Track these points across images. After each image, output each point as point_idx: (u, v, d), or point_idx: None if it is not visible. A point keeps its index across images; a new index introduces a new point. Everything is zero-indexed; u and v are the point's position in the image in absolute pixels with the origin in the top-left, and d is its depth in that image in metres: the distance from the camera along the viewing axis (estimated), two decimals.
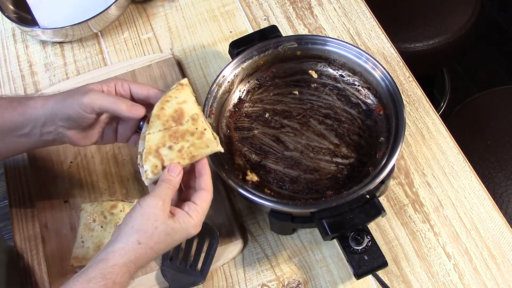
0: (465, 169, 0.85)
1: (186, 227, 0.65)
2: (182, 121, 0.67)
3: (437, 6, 1.37)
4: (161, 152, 0.66)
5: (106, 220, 0.79)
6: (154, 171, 0.66)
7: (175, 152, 0.66)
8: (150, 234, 0.63)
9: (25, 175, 0.88)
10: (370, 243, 0.69)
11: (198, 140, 0.67)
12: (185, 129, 0.67)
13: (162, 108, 0.67)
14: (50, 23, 1.03)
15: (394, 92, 0.77)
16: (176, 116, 0.67)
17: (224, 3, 1.08)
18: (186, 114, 0.67)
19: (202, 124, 0.68)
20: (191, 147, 0.67)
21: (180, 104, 0.68)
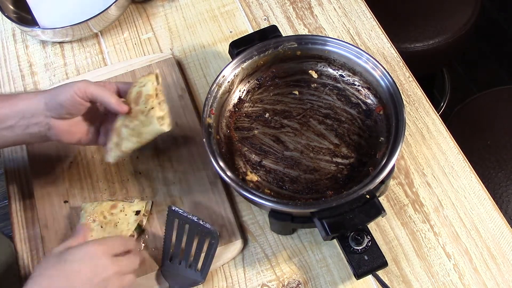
0: (465, 169, 0.85)
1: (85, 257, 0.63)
2: (138, 102, 0.73)
3: (437, 6, 1.37)
4: (121, 131, 0.74)
5: (105, 220, 0.79)
6: (113, 148, 0.75)
7: (129, 130, 0.73)
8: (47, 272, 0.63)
9: (25, 175, 0.89)
10: (370, 243, 0.69)
11: (145, 118, 0.72)
12: (138, 108, 0.73)
13: (129, 93, 0.75)
14: (50, 23, 1.03)
15: (394, 92, 0.77)
16: (136, 98, 0.74)
17: (224, 3, 1.08)
18: (142, 95, 0.73)
19: (151, 104, 0.72)
20: (139, 124, 0.73)
21: (141, 87, 0.74)
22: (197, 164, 0.86)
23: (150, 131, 0.73)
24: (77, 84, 0.72)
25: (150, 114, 0.72)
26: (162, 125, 0.73)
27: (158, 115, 0.72)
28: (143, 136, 0.73)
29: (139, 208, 0.80)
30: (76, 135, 0.76)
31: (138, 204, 0.81)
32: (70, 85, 0.72)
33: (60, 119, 0.73)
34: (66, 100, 0.71)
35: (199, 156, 0.87)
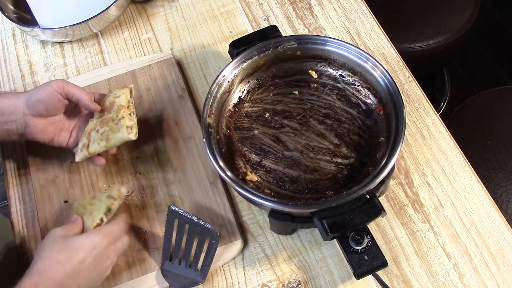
0: (465, 169, 0.85)
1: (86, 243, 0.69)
2: (111, 110, 0.81)
3: (437, 6, 1.37)
4: (91, 134, 0.80)
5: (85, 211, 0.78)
6: (82, 148, 0.80)
7: (99, 134, 0.80)
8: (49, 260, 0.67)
9: (25, 175, 0.89)
10: (370, 243, 0.69)
11: (115, 125, 0.79)
12: (110, 116, 0.80)
13: (104, 101, 0.83)
14: (50, 23, 1.03)
15: (394, 92, 0.77)
16: (109, 107, 0.81)
17: (224, 3, 1.08)
18: (116, 105, 0.81)
19: (123, 113, 0.80)
20: (109, 131, 0.79)
21: (115, 98, 0.82)
22: (197, 164, 0.86)
23: (117, 137, 0.79)
24: (56, 81, 0.78)
25: (120, 122, 0.79)
26: (130, 133, 0.79)
27: (127, 124, 0.79)
28: (110, 141, 0.79)
29: (113, 193, 0.79)
30: (50, 134, 0.81)
31: (114, 188, 0.81)
32: (49, 83, 0.79)
33: (37, 117, 0.79)
34: (45, 96, 0.77)
35: (199, 156, 0.87)
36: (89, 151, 0.80)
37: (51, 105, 0.79)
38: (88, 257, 0.68)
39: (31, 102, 0.78)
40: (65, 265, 0.66)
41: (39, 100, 0.78)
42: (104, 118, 0.81)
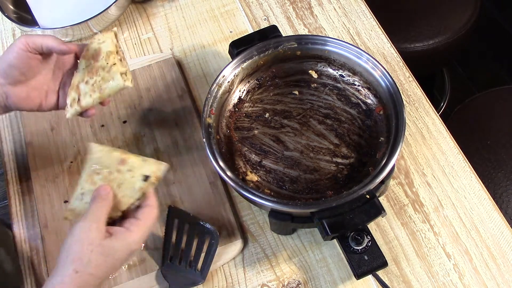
0: (465, 169, 0.85)
1: (127, 243, 0.62)
2: (98, 58, 0.73)
3: (437, 6, 1.37)
4: (80, 87, 0.73)
5: (110, 177, 0.67)
6: (72, 104, 0.73)
7: (89, 86, 0.72)
8: (87, 261, 0.59)
9: (25, 175, 0.89)
10: (370, 243, 0.69)
11: (107, 73, 0.72)
12: (99, 64, 0.72)
13: (87, 50, 0.74)
14: (50, 23, 1.03)
15: (394, 92, 0.77)
16: (95, 54, 0.73)
17: (224, 3, 1.08)
18: (102, 52, 0.73)
19: (113, 60, 0.72)
20: (101, 80, 0.72)
21: (100, 44, 0.73)
22: (197, 164, 0.86)
23: (113, 86, 0.72)
24: (18, 39, 0.70)
25: (112, 69, 0.71)
26: (125, 80, 0.72)
27: (121, 70, 0.72)
28: (105, 91, 0.72)
29: (149, 173, 0.67)
30: (35, 100, 0.74)
31: (151, 165, 0.68)
32: (12, 44, 0.70)
33: (16, 85, 0.72)
34: (13, 59, 0.70)
35: (199, 156, 0.87)
36: (81, 105, 0.73)
37: (25, 66, 0.71)
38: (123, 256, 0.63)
39: (2, 69, 0.71)
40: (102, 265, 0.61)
41: (9, 65, 0.70)
42: (91, 67, 0.73)
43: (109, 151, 0.68)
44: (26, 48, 0.69)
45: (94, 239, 0.60)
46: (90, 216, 0.62)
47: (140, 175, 0.67)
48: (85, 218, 0.62)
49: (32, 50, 0.70)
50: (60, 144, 0.90)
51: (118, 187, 0.67)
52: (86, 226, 0.61)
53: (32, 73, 0.72)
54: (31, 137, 0.91)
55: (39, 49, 0.71)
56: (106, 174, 0.67)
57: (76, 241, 0.60)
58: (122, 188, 0.67)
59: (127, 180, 0.67)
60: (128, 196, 0.67)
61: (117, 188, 0.67)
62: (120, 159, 0.67)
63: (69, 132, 0.91)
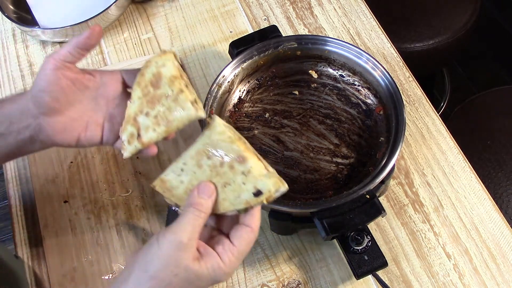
0: (465, 169, 0.85)
1: (215, 275, 0.53)
2: (159, 84, 0.61)
3: (437, 6, 1.37)
4: (138, 120, 0.62)
5: (220, 169, 0.57)
6: (130, 140, 0.62)
7: (151, 118, 0.61)
8: (167, 283, 0.52)
9: (25, 175, 0.89)
10: (370, 243, 0.69)
11: (173, 102, 0.60)
12: (161, 92, 0.61)
13: (142, 75, 0.63)
14: (50, 23, 1.03)
15: (394, 92, 0.77)
16: (154, 80, 0.61)
17: (224, 3, 1.08)
18: (164, 76, 0.61)
19: (179, 86, 0.60)
20: (166, 111, 0.60)
21: (159, 68, 0.62)
22: None
23: (182, 117, 0.60)
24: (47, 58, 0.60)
25: (180, 98, 0.59)
26: (197, 109, 0.60)
27: (190, 98, 0.60)
28: (173, 124, 0.60)
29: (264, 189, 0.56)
30: (73, 133, 0.63)
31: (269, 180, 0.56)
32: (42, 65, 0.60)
33: (51, 115, 0.61)
34: (43, 82, 0.59)
35: None
36: (142, 142, 0.62)
37: (57, 90, 0.60)
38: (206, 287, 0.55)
39: (35, 97, 0.60)
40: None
41: (40, 90, 0.59)
42: (151, 96, 0.61)
43: (232, 138, 0.57)
44: (55, 65, 0.59)
45: (181, 261, 0.52)
46: (183, 230, 0.53)
47: (253, 187, 0.56)
48: (177, 230, 0.53)
49: (62, 63, 0.60)
50: None
51: (223, 186, 0.57)
52: (176, 242, 0.52)
53: (67, 99, 0.61)
54: None
55: (68, 57, 0.60)
56: (217, 164, 0.57)
57: (161, 257, 0.52)
58: (227, 190, 0.57)
59: (237, 184, 0.57)
60: (229, 202, 0.57)
61: (221, 187, 0.57)
62: (240, 156, 0.57)
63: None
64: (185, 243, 0.52)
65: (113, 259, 0.79)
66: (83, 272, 0.78)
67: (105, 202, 0.84)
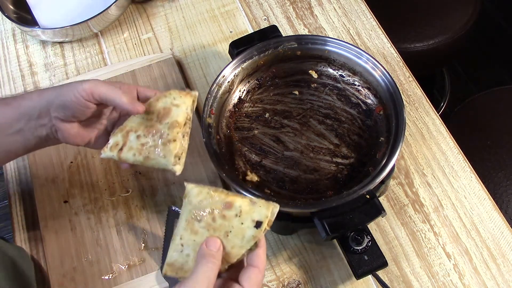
0: (465, 169, 0.85)
1: None
2: (162, 120, 0.65)
3: (437, 6, 1.37)
4: (129, 136, 0.66)
5: (214, 224, 0.58)
6: (113, 148, 0.66)
7: (139, 143, 0.65)
8: None
9: (25, 175, 0.89)
10: (370, 243, 0.69)
11: (162, 146, 0.64)
12: (159, 127, 0.65)
13: (157, 100, 0.66)
14: (50, 23, 1.03)
15: (394, 92, 0.77)
16: (162, 113, 0.65)
17: (224, 3, 1.08)
18: (170, 116, 0.65)
19: (176, 134, 0.64)
20: (152, 147, 0.64)
21: (173, 105, 0.65)
22: (197, 164, 0.86)
23: (160, 164, 0.65)
24: (83, 84, 0.64)
25: (169, 146, 0.64)
26: (175, 165, 0.64)
27: (177, 152, 0.64)
28: (149, 161, 0.65)
29: (261, 218, 0.58)
30: (85, 138, 0.69)
31: (262, 209, 0.59)
32: (75, 85, 0.64)
33: (67, 122, 0.66)
34: (70, 102, 0.64)
35: (199, 156, 0.87)
36: (119, 157, 0.66)
37: (78, 111, 0.65)
38: None
39: (56, 105, 0.65)
40: None
41: (63, 105, 0.65)
42: (151, 124, 0.65)
43: (210, 193, 0.59)
44: (88, 98, 0.64)
45: None
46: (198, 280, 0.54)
47: (251, 221, 0.58)
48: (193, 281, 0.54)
49: (93, 100, 0.64)
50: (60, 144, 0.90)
51: (225, 237, 0.58)
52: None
53: (83, 116, 0.67)
54: None
55: (102, 101, 0.65)
56: (210, 221, 0.58)
57: None
58: (231, 238, 0.58)
59: (236, 227, 0.58)
60: (238, 246, 0.58)
61: (225, 237, 0.58)
62: (225, 203, 0.59)
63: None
64: None
65: (113, 259, 0.79)
66: (83, 272, 0.78)
67: (105, 202, 0.84)
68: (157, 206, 0.83)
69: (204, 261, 0.55)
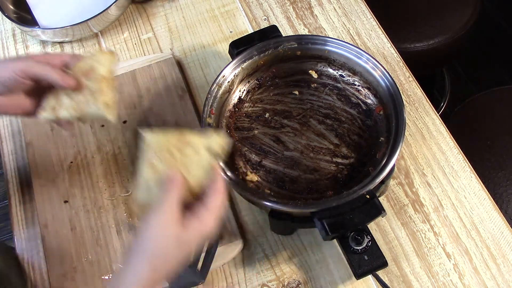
0: (465, 169, 0.85)
1: (200, 234, 0.60)
2: (90, 77, 0.70)
3: (437, 6, 1.37)
4: (61, 98, 0.71)
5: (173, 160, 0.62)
6: (49, 110, 0.71)
7: (72, 102, 0.70)
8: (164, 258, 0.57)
9: (25, 175, 0.89)
10: (370, 243, 0.69)
11: (92, 98, 0.69)
12: (87, 84, 0.70)
13: (81, 62, 0.71)
14: (50, 23, 1.03)
15: (394, 92, 0.77)
16: (87, 72, 0.70)
17: (224, 3, 1.08)
18: (95, 73, 0.70)
19: (102, 87, 0.69)
20: (84, 102, 0.70)
21: (95, 63, 0.71)
22: None
23: (93, 114, 0.70)
24: (17, 64, 0.69)
25: (98, 97, 0.69)
26: (108, 112, 0.69)
27: (107, 101, 0.69)
28: (84, 115, 0.70)
29: (215, 147, 0.63)
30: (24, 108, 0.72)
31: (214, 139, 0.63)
32: (10, 65, 0.69)
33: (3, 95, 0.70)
34: (6, 79, 0.68)
35: None
36: (56, 115, 0.71)
37: (14, 88, 0.70)
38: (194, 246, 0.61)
39: None
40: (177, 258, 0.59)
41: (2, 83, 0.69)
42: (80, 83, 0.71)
43: (166, 135, 0.63)
44: (23, 76, 0.68)
45: (170, 234, 0.58)
46: (164, 208, 0.59)
47: (206, 150, 0.62)
48: (159, 210, 0.59)
49: (28, 78, 0.69)
50: (60, 144, 0.90)
51: (185, 170, 0.62)
52: (161, 220, 0.58)
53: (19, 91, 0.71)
54: (31, 137, 0.91)
55: (36, 79, 0.69)
56: (168, 159, 0.62)
57: (152, 238, 0.58)
58: (191, 170, 0.62)
59: (194, 159, 0.62)
60: (197, 175, 0.62)
61: (185, 170, 0.62)
62: (181, 140, 0.63)
63: (69, 132, 0.91)
64: (169, 218, 0.58)
65: (113, 259, 0.79)
66: (83, 272, 0.78)
67: (105, 202, 0.84)
68: None
69: (167, 190, 0.59)
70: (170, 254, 0.58)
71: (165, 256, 0.57)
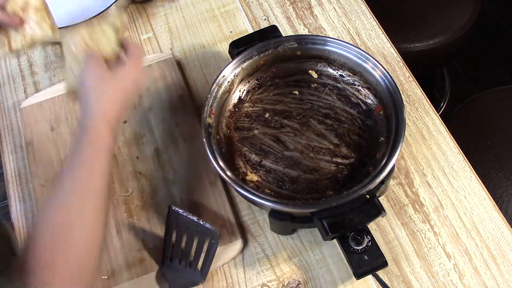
0: (465, 169, 0.85)
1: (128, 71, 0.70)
2: (27, 10, 0.79)
3: (437, 6, 1.37)
4: (9, 32, 0.79)
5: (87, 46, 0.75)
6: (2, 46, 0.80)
7: (20, 34, 0.79)
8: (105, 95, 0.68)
9: (25, 175, 0.89)
10: (370, 243, 0.69)
11: (36, 25, 0.79)
12: (28, 16, 0.79)
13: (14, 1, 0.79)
14: None
15: (394, 92, 0.77)
16: (23, 7, 0.79)
17: (224, 3, 1.08)
18: (31, 6, 0.79)
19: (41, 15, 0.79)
20: (30, 31, 0.79)
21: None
22: (197, 164, 0.86)
23: (43, 37, 0.80)
24: None
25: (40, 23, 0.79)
26: (55, 34, 0.80)
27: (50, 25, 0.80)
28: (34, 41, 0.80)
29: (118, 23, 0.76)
30: None
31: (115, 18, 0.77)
32: None
33: None
34: None
35: (199, 156, 0.87)
36: (11, 50, 0.81)
37: None
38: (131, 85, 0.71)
39: None
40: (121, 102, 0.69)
41: None
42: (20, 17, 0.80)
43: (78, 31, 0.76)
44: None
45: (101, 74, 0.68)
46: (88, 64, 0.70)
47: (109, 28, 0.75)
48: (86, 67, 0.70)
49: None
50: (60, 144, 0.90)
51: (98, 46, 0.74)
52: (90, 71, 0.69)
53: None
54: (31, 137, 0.91)
55: None
56: (83, 45, 0.75)
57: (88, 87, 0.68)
58: (102, 45, 0.74)
59: (102, 37, 0.75)
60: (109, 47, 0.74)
61: (98, 47, 0.74)
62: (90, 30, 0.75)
63: (69, 132, 0.91)
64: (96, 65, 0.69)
65: (113, 259, 0.79)
66: None
67: None
68: (157, 206, 0.83)
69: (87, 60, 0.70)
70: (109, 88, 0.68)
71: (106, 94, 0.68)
